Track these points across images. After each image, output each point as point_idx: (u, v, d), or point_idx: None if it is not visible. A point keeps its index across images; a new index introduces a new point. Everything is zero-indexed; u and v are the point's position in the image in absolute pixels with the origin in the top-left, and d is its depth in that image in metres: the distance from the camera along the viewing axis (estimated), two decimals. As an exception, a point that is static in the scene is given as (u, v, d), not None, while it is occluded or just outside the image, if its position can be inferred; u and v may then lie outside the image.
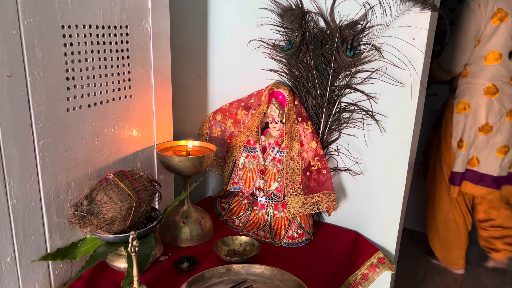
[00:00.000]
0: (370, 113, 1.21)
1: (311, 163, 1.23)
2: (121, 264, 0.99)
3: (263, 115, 1.27)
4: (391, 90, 1.17)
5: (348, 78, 1.21)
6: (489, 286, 2.19)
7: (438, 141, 2.18)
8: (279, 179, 1.24)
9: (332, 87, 1.23)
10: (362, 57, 1.17)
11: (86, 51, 0.95)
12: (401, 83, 1.15)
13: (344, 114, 1.25)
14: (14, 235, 0.86)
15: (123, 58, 1.06)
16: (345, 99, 1.23)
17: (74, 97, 0.94)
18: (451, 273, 2.29)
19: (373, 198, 1.27)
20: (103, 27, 0.98)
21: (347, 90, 1.22)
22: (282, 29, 1.26)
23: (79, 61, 0.94)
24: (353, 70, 1.19)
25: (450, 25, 1.89)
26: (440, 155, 2.15)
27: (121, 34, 1.04)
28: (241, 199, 1.34)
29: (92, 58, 0.97)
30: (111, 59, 1.02)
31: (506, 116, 1.93)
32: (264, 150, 1.27)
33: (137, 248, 0.87)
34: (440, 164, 2.16)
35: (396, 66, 1.14)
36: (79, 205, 0.92)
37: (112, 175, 0.95)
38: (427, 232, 2.33)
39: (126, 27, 1.05)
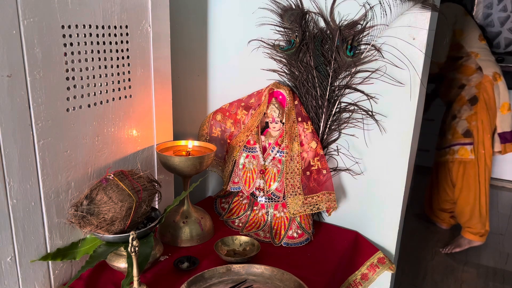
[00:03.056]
0: (370, 113, 1.21)
1: (311, 163, 1.23)
2: (121, 264, 0.99)
3: (263, 115, 1.27)
4: (391, 90, 1.17)
5: (348, 78, 1.20)
6: (489, 285, 2.19)
7: (481, 118, 2.34)
8: (279, 179, 1.24)
9: (332, 87, 1.23)
10: (362, 57, 1.17)
11: (86, 51, 0.95)
12: (401, 83, 1.15)
13: (344, 114, 1.25)
14: (14, 235, 0.86)
15: (123, 58, 1.06)
16: (345, 99, 1.23)
17: (74, 97, 0.94)
18: (451, 273, 2.29)
19: (373, 198, 1.27)
20: (103, 27, 0.98)
21: (347, 90, 1.22)
22: (282, 29, 1.26)
23: (79, 61, 0.94)
24: (353, 70, 1.19)
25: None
26: (486, 130, 2.34)
27: (121, 34, 1.04)
28: (241, 199, 1.34)
29: (92, 58, 0.97)
30: (111, 59, 1.02)
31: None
32: (264, 150, 1.27)
33: (137, 248, 0.87)
34: (488, 137, 2.35)
35: (396, 66, 1.14)
36: (79, 205, 0.92)
37: (112, 175, 0.95)
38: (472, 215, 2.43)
39: (126, 27, 1.05)
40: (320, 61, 1.21)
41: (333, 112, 1.25)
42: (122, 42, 1.04)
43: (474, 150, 2.35)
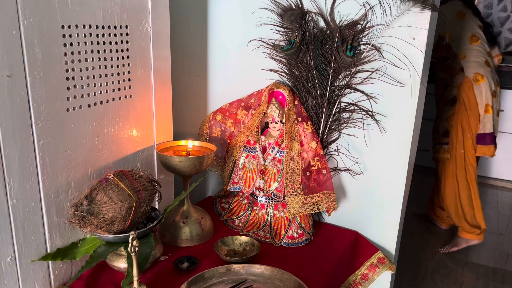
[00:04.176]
0: (370, 113, 1.21)
1: (311, 163, 1.23)
2: (121, 264, 0.99)
3: (263, 115, 1.27)
4: (391, 90, 1.17)
5: (348, 78, 1.21)
6: (489, 285, 2.19)
7: (461, 119, 2.35)
8: (279, 179, 1.24)
9: (332, 87, 1.23)
10: (362, 57, 1.17)
11: (86, 51, 0.95)
12: (401, 83, 1.15)
13: (344, 114, 1.25)
14: (14, 235, 0.86)
15: (123, 58, 1.06)
16: (345, 99, 1.23)
17: (74, 97, 0.94)
18: (451, 273, 2.29)
19: (373, 198, 1.27)
20: (103, 27, 0.98)
21: (347, 90, 1.22)
22: (282, 29, 1.26)
23: (79, 61, 0.94)
24: (353, 70, 1.19)
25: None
26: (465, 130, 2.34)
27: (121, 34, 1.04)
28: (241, 199, 1.34)
29: (92, 58, 0.97)
30: (111, 59, 1.02)
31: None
32: (264, 150, 1.27)
33: (137, 248, 0.87)
34: (468, 138, 2.35)
35: (396, 66, 1.14)
36: (79, 205, 0.92)
37: (112, 175, 0.95)
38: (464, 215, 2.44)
39: (126, 27, 1.05)
40: (320, 61, 1.21)
41: (333, 112, 1.25)
42: (122, 42, 1.04)
43: (449, 150, 2.39)
